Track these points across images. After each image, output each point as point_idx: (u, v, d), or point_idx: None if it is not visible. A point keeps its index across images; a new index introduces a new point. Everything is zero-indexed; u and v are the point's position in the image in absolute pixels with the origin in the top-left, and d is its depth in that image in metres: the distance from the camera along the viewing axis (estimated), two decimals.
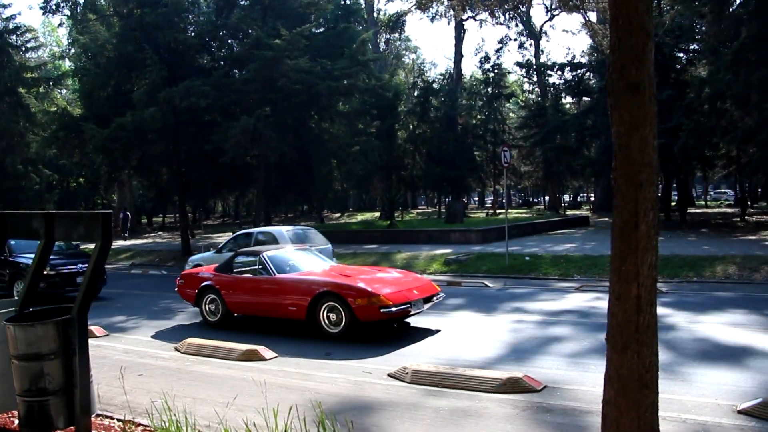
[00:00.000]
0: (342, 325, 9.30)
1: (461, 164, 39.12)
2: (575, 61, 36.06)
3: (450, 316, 11.14)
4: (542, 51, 51.58)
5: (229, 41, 27.27)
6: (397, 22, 52.14)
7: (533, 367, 7.39)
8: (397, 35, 59.20)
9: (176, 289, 11.85)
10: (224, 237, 35.26)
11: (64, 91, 41.68)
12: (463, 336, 9.59)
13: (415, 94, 43.68)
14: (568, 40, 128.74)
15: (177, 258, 24.57)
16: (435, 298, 9.98)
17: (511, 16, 47.56)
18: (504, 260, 17.15)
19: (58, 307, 5.34)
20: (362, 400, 6.49)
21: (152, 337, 10.46)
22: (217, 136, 22.45)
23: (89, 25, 26.65)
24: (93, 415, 5.36)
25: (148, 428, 5.38)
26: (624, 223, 3.39)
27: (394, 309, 9.04)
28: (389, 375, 7.30)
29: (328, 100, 25.28)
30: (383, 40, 56.54)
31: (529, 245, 21.44)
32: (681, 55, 29.13)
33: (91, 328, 9.91)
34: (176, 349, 9.13)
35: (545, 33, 53.30)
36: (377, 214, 45.24)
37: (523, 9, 47.09)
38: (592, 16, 34.28)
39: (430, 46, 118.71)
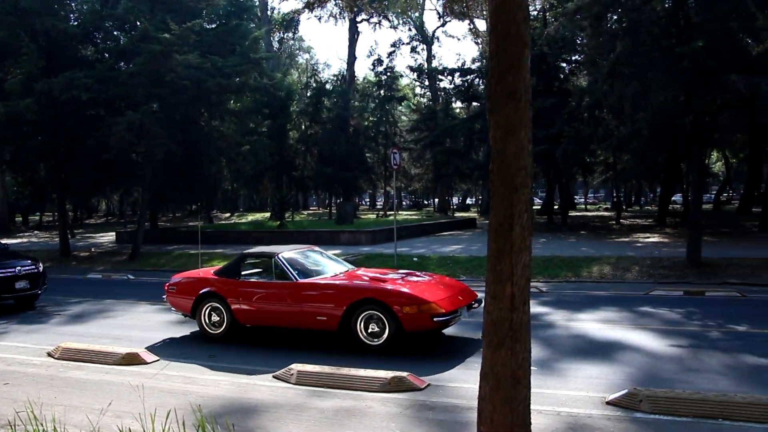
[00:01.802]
0: (384, 336, 8.21)
1: (353, 165, 39.43)
2: (465, 66, 37.14)
3: None
4: (434, 56, 52.86)
5: (115, 33, 25.99)
6: (290, 21, 51.73)
7: (418, 366, 7.52)
8: (290, 34, 58.78)
9: (165, 297, 10.27)
10: (107, 236, 33.83)
11: None
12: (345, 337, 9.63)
13: (308, 94, 43.64)
14: (459, 46, 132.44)
15: (55, 259, 23.26)
16: (475, 304, 8.91)
17: (404, 20, 48.29)
18: (393, 261, 17.39)
19: None
20: (246, 402, 6.40)
21: (23, 342, 9.79)
22: (100, 132, 21.28)
23: None
24: None
25: None
26: (500, 224, 3.51)
27: (447, 317, 8.15)
28: (274, 376, 7.24)
29: (218, 98, 24.67)
30: (276, 38, 56.02)
31: (417, 246, 21.89)
32: (564, 65, 30.67)
33: None
34: (49, 355, 8.61)
35: (437, 38, 54.55)
36: (268, 214, 44.72)
37: (416, 14, 47.98)
38: (482, 25, 35.47)
39: (324, 46, 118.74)
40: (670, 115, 16.33)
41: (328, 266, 9.79)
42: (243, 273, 9.76)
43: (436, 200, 54.76)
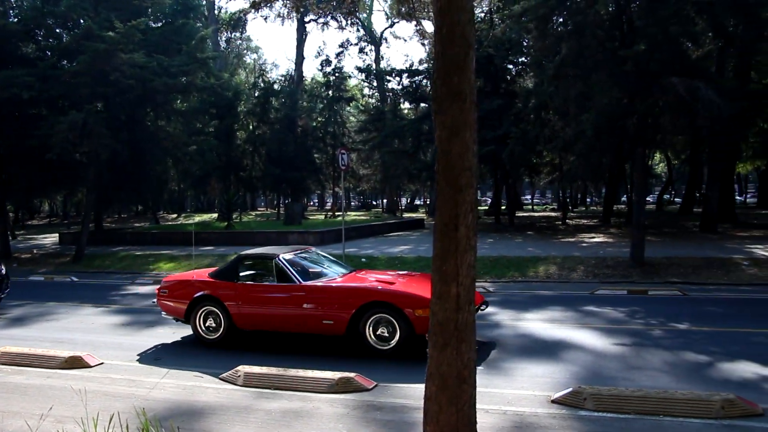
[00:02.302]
0: (395, 340, 8.02)
1: (301, 166, 39.37)
2: (413, 68, 37.28)
3: None
4: (383, 57, 52.95)
5: (58, 30, 25.31)
6: (238, 21, 51.19)
7: (365, 367, 7.50)
8: (238, 34, 58.22)
9: (155, 301, 9.79)
10: (50, 238, 32.81)
11: None
12: (298, 337, 9.55)
13: (256, 94, 43.22)
14: (408, 47, 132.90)
15: None
16: (483, 306, 8.72)
17: (353, 21, 48.23)
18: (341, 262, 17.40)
19: None
20: (192, 404, 6.31)
21: None
22: (42, 131, 20.66)
23: None
24: None
25: None
26: (445, 225, 3.50)
27: None
28: (221, 378, 7.16)
29: (164, 97, 24.28)
30: (224, 38, 55.48)
31: (366, 247, 21.93)
32: (511, 67, 31.11)
33: None
34: None
35: (386, 39, 54.64)
36: (215, 215, 44.17)
37: (364, 15, 48.04)
38: (430, 26, 35.69)
39: (273, 46, 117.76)
40: (613, 116, 16.73)
41: (329, 268, 9.56)
42: (241, 275, 9.25)
43: (385, 201, 54.95)
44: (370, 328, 8.17)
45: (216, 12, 49.43)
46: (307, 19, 45.93)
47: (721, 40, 20.38)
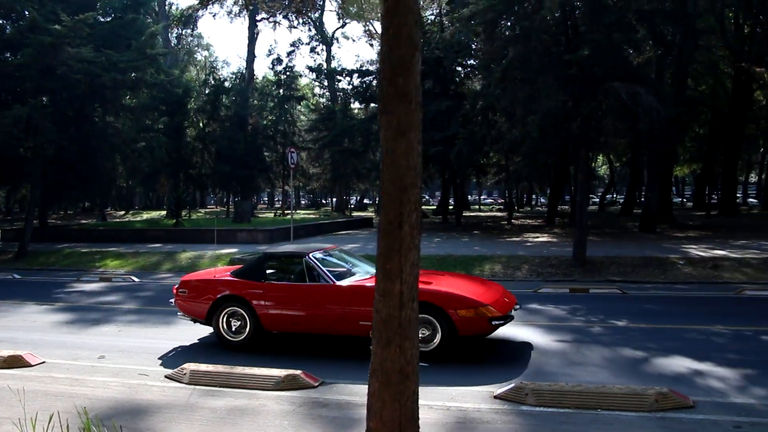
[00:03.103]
0: (436, 340, 7.77)
1: (251, 164, 39.31)
2: (363, 68, 37.46)
3: None
4: (333, 57, 52.95)
5: (1, 22, 24.43)
6: (189, 18, 50.42)
7: (315, 364, 7.52)
8: (189, 31, 57.36)
9: (173, 301, 9.32)
10: None
11: None
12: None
13: (206, 91, 42.84)
14: (358, 47, 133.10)
15: None
16: (517, 306, 8.59)
17: (304, 20, 48.08)
18: None
19: None
20: (136, 403, 6.22)
21: None
22: None
23: None
24: None
25: None
26: (389, 223, 3.56)
27: (503, 320, 7.84)
28: (167, 376, 7.08)
29: (113, 93, 23.86)
30: (174, 34, 54.76)
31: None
32: (459, 69, 31.55)
33: None
34: None
35: (337, 40, 54.52)
36: (164, 212, 43.46)
37: (316, 15, 47.98)
38: (379, 27, 35.80)
39: (224, 44, 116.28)
40: (558, 119, 17.12)
41: (356, 267, 9.25)
42: (268, 274, 8.89)
43: (334, 200, 55.04)
44: None
45: (167, 8, 48.94)
46: (258, 17, 45.64)
47: (660, 48, 21.12)
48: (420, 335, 7.67)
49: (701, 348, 8.13)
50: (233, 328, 8.73)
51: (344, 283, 8.39)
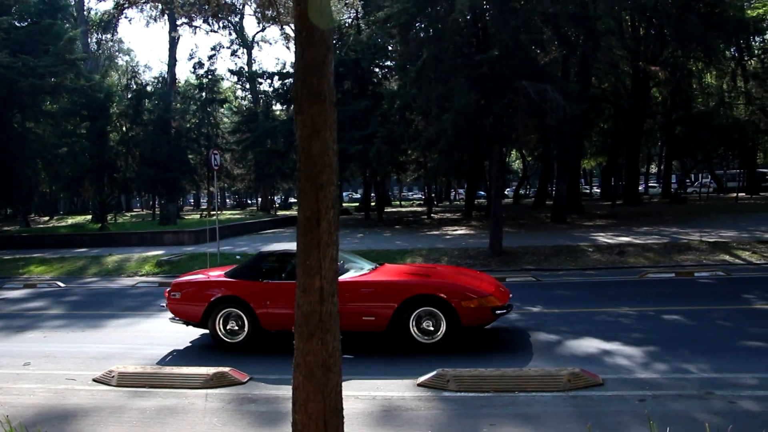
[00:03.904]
0: (440, 332, 7.89)
1: (175, 167, 39.32)
2: (284, 70, 37.49)
3: (159, 317, 11.03)
4: (254, 60, 52.71)
5: None
6: (109, 23, 49.03)
7: (241, 361, 7.58)
8: (109, 36, 55.72)
9: (165, 305, 9.07)
10: None
11: None
12: (172, 335, 9.50)
13: (128, 96, 42.16)
14: (279, 50, 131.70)
15: None
16: (511, 296, 8.77)
17: (225, 25, 47.56)
18: (216, 260, 17.37)
19: None
20: (64, 408, 6.15)
21: None
22: None
23: None
24: None
25: None
26: (307, 220, 3.66)
27: (505, 310, 8.01)
28: (95, 380, 7.02)
29: (32, 99, 23.17)
30: (94, 40, 53.10)
31: (240, 245, 21.94)
32: (377, 70, 31.98)
33: None
34: None
35: (257, 43, 53.91)
36: (90, 217, 42.26)
37: (236, 19, 47.58)
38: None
39: (145, 49, 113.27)
40: (471, 116, 17.61)
41: (353, 263, 9.19)
42: (265, 273, 8.75)
43: (259, 199, 54.76)
44: (413, 322, 7.97)
45: (86, 13, 47.66)
46: (179, 22, 44.72)
47: (565, 48, 22.05)
48: (424, 327, 7.95)
49: (609, 329, 8.64)
50: (230, 330, 8.58)
51: (347, 278, 8.34)
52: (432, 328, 7.92)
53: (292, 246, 9.53)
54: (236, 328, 8.58)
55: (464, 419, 5.54)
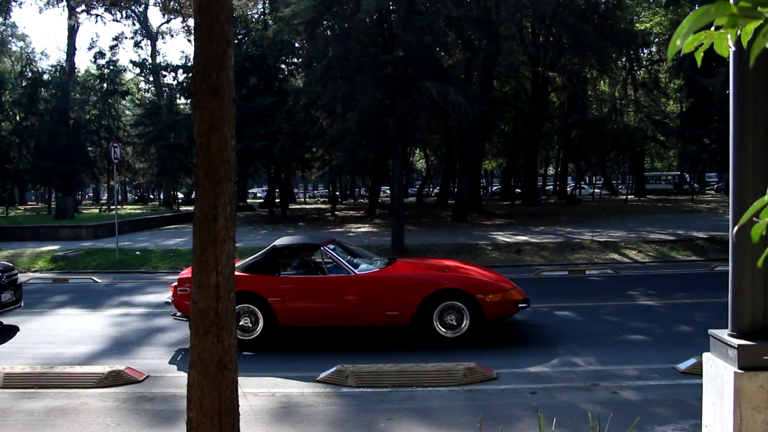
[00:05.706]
0: (464, 326, 7.91)
1: (73, 159, 37.80)
2: (189, 64, 36.45)
3: (52, 314, 10.63)
4: (159, 52, 50.92)
5: None
6: (1, 7, 45.67)
7: (137, 359, 7.40)
8: (1, 19, 52.01)
9: (170, 301, 8.44)
10: None
11: None
12: (66, 333, 9.16)
13: (23, 84, 39.74)
14: (184, 44, 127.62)
15: None
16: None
17: (128, 14, 45.63)
18: (114, 255, 16.86)
19: None
20: None
21: None
22: None
23: None
24: None
25: None
26: (204, 215, 3.62)
27: (525, 304, 8.07)
28: None
29: None
30: None
31: (140, 240, 21.37)
32: (284, 67, 31.78)
33: None
34: None
35: (162, 35, 51.99)
36: None
37: (140, 9, 45.92)
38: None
39: (42, 36, 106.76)
40: (376, 115, 17.81)
41: (365, 257, 9.08)
42: (281, 267, 8.44)
43: (162, 195, 53.15)
44: (437, 317, 7.96)
45: None
46: (79, 9, 42.47)
47: (468, 51, 22.72)
48: (447, 321, 8.00)
49: (504, 325, 8.99)
50: (242, 327, 8.16)
51: (363, 272, 8.28)
52: (455, 323, 8.01)
53: (301, 238, 9.72)
54: (249, 324, 8.21)
55: (362, 414, 5.64)
